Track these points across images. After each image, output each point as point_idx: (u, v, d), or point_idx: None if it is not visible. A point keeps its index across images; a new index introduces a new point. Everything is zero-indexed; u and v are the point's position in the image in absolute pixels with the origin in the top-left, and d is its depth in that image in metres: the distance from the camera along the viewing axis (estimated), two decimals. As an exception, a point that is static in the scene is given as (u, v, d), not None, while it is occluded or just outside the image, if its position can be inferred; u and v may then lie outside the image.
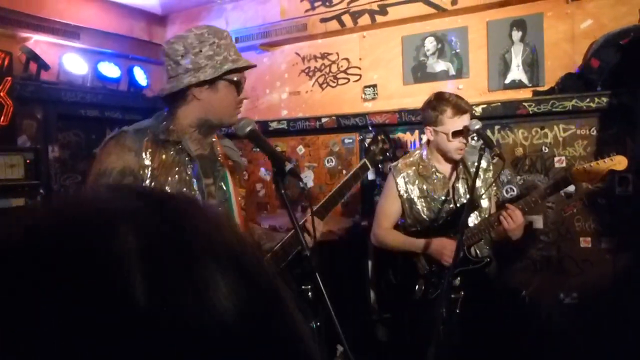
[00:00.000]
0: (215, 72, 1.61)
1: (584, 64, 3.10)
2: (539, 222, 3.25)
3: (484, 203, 2.51)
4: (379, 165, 2.16)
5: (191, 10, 4.48)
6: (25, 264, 0.28)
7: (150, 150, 1.59)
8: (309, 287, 2.77)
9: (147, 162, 1.58)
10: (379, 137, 2.15)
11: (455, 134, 2.36)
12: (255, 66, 1.76)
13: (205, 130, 1.72)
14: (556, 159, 3.23)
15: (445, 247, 2.31)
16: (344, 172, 3.96)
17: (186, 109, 1.68)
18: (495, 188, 2.60)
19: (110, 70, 4.07)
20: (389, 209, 2.55)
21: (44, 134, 3.61)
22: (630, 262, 2.93)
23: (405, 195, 2.51)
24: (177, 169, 1.63)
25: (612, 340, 2.78)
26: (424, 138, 2.65)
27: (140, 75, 4.27)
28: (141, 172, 1.56)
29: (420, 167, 2.51)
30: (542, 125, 3.25)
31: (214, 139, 1.81)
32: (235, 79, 1.68)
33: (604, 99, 2.99)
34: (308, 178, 4.01)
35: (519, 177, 3.31)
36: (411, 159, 2.57)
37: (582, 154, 3.14)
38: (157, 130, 1.65)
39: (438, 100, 2.42)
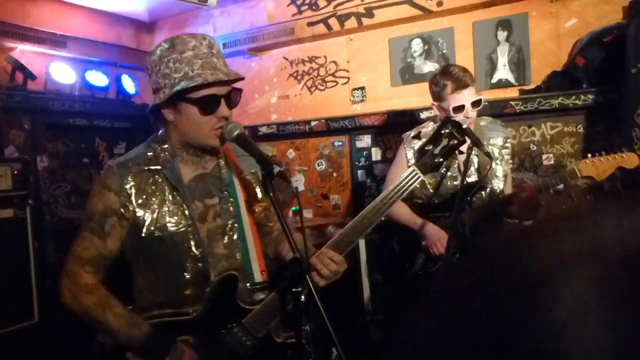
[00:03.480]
0: (169, 92, 1.48)
1: (569, 62, 3.13)
2: (529, 219, 3.27)
3: (498, 182, 2.47)
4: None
5: (178, 17, 4.48)
6: None
7: (134, 183, 1.54)
8: (300, 289, 2.78)
9: (131, 197, 1.53)
10: (442, 131, 1.63)
11: (456, 109, 2.32)
12: (226, 80, 1.50)
13: (194, 151, 1.61)
14: (544, 156, 3.25)
15: (439, 239, 2.37)
16: (334, 174, 3.96)
17: (167, 130, 1.61)
18: (511, 166, 2.58)
19: (98, 78, 4.05)
20: (396, 178, 2.56)
21: (32, 144, 3.58)
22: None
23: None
24: (166, 194, 1.56)
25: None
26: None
27: (128, 83, 4.26)
28: (123, 209, 1.53)
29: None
30: (530, 123, 3.28)
31: (219, 155, 1.67)
32: (195, 97, 1.48)
33: (590, 96, 3.02)
34: (299, 182, 4.00)
35: (508, 176, 3.33)
36: (423, 130, 2.54)
37: (570, 151, 3.17)
38: (141, 159, 1.58)
39: (441, 75, 2.39)
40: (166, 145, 1.60)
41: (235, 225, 1.64)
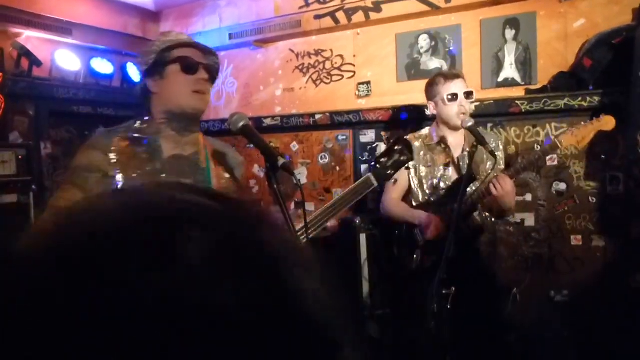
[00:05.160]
0: (154, 56, 1.66)
1: (577, 63, 3.12)
2: (530, 219, 3.26)
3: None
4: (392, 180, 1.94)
5: (185, 7, 4.47)
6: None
7: (118, 147, 1.66)
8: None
9: (114, 158, 1.64)
10: (395, 147, 1.73)
11: (450, 98, 2.47)
12: (190, 44, 1.70)
13: (177, 126, 1.71)
14: (548, 157, 3.24)
15: (431, 222, 2.46)
16: (337, 168, 3.96)
17: (153, 108, 1.73)
18: (502, 167, 2.65)
19: (104, 66, 4.05)
20: (397, 181, 2.68)
21: (36, 130, 3.59)
22: (620, 260, 2.96)
23: (410, 164, 2.62)
24: (145, 164, 1.68)
25: (603, 338, 2.80)
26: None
27: (133, 72, 4.25)
28: (108, 168, 1.63)
29: (427, 138, 2.66)
30: (535, 123, 3.27)
31: (200, 141, 1.80)
32: (176, 56, 1.66)
33: (596, 98, 3.01)
34: (302, 174, 4.01)
35: (511, 175, 3.32)
36: (421, 132, 2.72)
37: (574, 152, 3.16)
38: (128, 128, 1.72)
39: (433, 77, 2.61)
40: (152, 123, 1.74)
41: None
